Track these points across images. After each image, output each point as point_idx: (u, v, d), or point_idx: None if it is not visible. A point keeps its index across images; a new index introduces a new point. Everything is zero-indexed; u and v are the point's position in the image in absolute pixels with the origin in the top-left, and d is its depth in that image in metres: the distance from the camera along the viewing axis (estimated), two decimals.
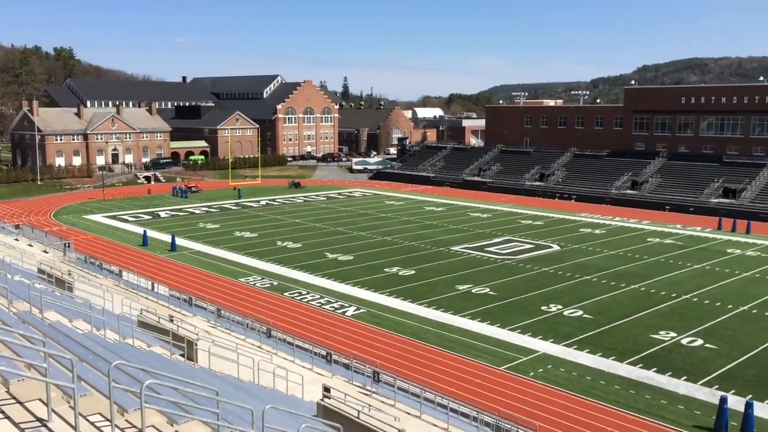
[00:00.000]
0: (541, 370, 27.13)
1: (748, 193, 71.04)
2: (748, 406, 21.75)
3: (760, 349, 29.44)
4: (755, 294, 38.48)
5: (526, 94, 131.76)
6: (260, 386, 19.32)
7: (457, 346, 29.80)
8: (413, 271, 43.80)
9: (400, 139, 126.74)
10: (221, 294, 38.08)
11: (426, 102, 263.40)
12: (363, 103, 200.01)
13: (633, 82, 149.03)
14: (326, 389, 17.72)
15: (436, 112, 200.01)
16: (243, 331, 28.47)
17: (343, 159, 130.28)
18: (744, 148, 79.65)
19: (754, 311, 35.19)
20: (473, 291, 39.04)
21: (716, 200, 71.62)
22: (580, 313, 34.84)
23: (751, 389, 25.06)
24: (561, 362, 27.97)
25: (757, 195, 70.62)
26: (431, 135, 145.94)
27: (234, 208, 73.51)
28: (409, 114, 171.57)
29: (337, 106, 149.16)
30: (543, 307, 35.72)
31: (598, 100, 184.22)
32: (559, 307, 35.85)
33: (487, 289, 39.33)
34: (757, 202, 69.22)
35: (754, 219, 63.79)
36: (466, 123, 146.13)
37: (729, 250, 51.18)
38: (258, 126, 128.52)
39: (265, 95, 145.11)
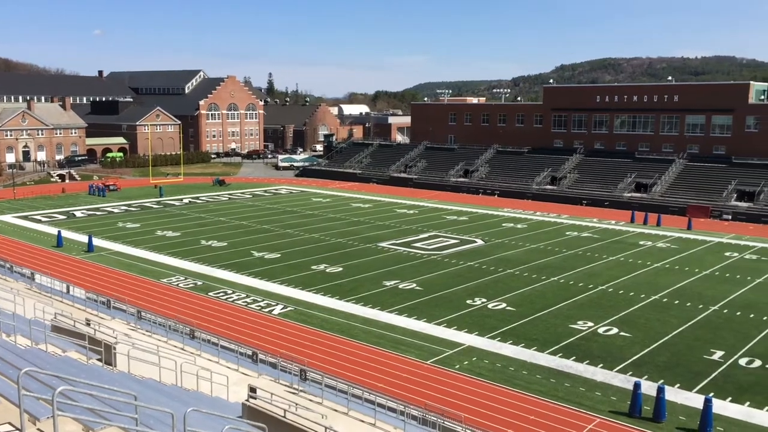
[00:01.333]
0: (466, 362, 27.67)
1: (658, 188, 74.70)
2: (660, 390, 22.89)
3: (670, 336, 31.04)
4: (665, 284, 40.54)
5: (450, 91, 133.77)
6: (183, 389, 18.85)
7: (384, 342, 30.01)
8: (340, 268, 43.76)
9: (326, 136, 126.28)
10: (142, 295, 36.90)
11: (352, 99, 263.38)
12: (288, 99, 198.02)
13: (551, 81, 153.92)
14: (252, 389, 17.47)
15: (362, 108, 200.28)
16: (165, 333, 27.69)
17: (269, 156, 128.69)
18: (654, 144, 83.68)
19: (664, 300, 37.06)
20: (400, 286, 39.38)
21: (629, 195, 74.97)
22: (504, 305, 35.74)
23: (662, 374, 26.39)
24: (485, 354, 28.62)
25: (666, 189, 74.36)
26: (357, 132, 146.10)
27: (155, 206, 71.34)
28: (335, 111, 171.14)
29: (262, 103, 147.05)
30: (468, 301, 36.43)
31: (519, 98, 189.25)
32: (484, 300, 36.66)
33: (414, 285, 39.77)
34: (667, 196, 72.91)
35: (664, 212, 67.17)
36: (392, 120, 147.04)
37: (641, 242, 53.68)
38: (180, 122, 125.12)
39: (186, 91, 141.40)
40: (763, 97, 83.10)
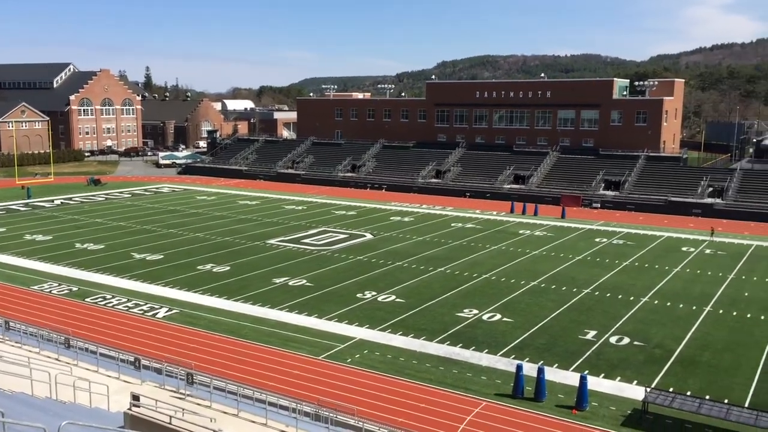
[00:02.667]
0: (358, 355, 27.88)
1: (534, 179, 78.60)
2: (540, 371, 24.14)
3: (548, 319, 32.79)
4: (543, 270, 42.76)
5: (336, 87, 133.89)
6: (58, 401, 17.70)
7: (275, 340, 29.64)
8: (228, 267, 42.74)
9: (209, 132, 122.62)
10: (10, 305, 34.26)
11: (236, 94, 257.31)
12: (168, 94, 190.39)
13: (433, 77, 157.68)
14: (135, 397, 16.69)
15: (246, 104, 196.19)
16: (37, 344, 25.85)
17: (149, 153, 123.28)
18: (530, 138, 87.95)
19: (542, 285, 39.09)
20: (290, 283, 39.03)
21: (508, 186, 78.37)
22: (393, 297, 36.31)
23: (542, 356, 27.83)
24: (376, 346, 28.97)
25: (542, 180, 78.38)
26: (242, 128, 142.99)
27: (23, 209, 66.40)
28: (218, 106, 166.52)
29: (139, 98, 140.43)
30: (358, 295, 36.70)
31: (403, 94, 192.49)
32: (374, 293, 37.07)
33: (304, 281, 39.55)
34: (543, 186, 76.87)
35: (540, 202, 70.80)
36: (278, 115, 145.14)
37: (521, 231, 56.30)
38: (48, 119, 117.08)
39: (55, 85, 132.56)
40: (625, 92, 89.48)
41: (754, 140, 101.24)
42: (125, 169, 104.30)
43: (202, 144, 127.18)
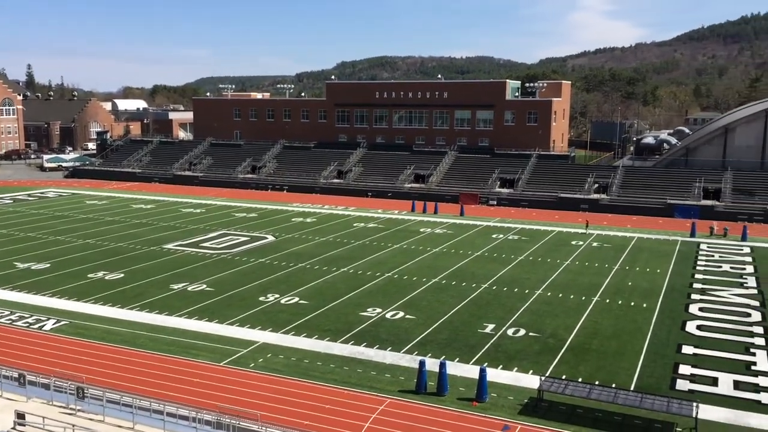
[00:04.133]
0: (261, 360, 27.47)
1: (434, 178, 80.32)
2: (442, 365, 24.71)
3: (449, 314, 33.61)
4: (444, 267, 43.79)
5: (234, 86, 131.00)
6: None
7: (174, 348, 28.68)
8: (122, 275, 40.92)
9: (99, 134, 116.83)
10: None
11: (128, 93, 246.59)
12: (53, 93, 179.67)
13: (333, 77, 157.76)
14: (20, 415, 15.68)
15: (139, 104, 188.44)
16: None
17: (32, 156, 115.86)
18: (429, 137, 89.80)
19: (443, 282, 40.02)
20: (189, 289, 37.89)
21: (409, 185, 79.67)
22: (297, 299, 36.04)
23: (444, 351, 28.50)
24: (280, 349, 28.65)
25: (441, 179, 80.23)
26: (135, 128, 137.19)
27: None
28: (108, 106, 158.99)
29: (20, 97, 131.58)
30: (261, 298, 36.15)
31: (303, 94, 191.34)
32: (277, 296, 36.64)
33: (204, 286, 38.51)
34: (442, 185, 78.69)
35: (440, 201, 72.46)
36: (173, 116, 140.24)
37: (422, 230, 57.37)
38: None
39: None
40: (517, 94, 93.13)
41: (635, 139, 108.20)
42: (6, 173, 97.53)
43: (91, 146, 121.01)
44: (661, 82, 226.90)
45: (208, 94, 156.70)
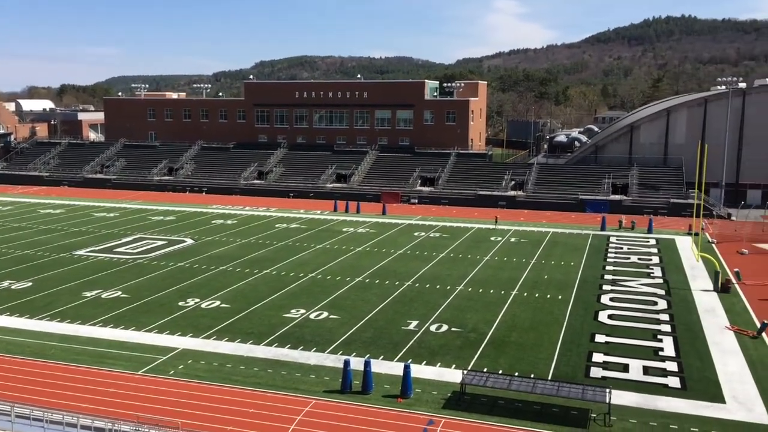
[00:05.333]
0: (181, 366, 26.75)
1: (356, 178, 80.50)
2: (367, 364, 24.82)
3: (373, 313, 33.80)
4: (367, 266, 43.98)
5: (147, 86, 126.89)
6: None
7: (87, 358, 27.51)
8: (29, 283, 38.88)
9: (2, 136, 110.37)
10: None
11: (33, 93, 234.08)
12: None
13: (252, 77, 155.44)
14: None
15: (45, 104, 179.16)
16: None
17: None
18: (350, 137, 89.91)
19: (366, 281, 40.19)
20: (103, 296, 36.43)
21: (331, 185, 79.52)
22: (218, 303, 35.32)
23: (368, 349, 28.64)
24: (201, 355, 27.99)
25: (363, 179, 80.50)
26: (41, 130, 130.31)
27: None
28: (12, 107, 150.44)
29: None
30: (180, 303, 35.21)
31: (220, 94, 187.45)
32: (197, 300, 35.79)
33: (119, 292, 37.13)
34: (364, 185, 78.97)
35: (362, 200, 72.72)
36: (82, 116, 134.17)
37: (344, 229, 57.40)
38: None
39: None
40: (435, 94, 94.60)
41: (548, 137, 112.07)
42: None
43: None
44: (572, 82, 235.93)
45: (120, 94, 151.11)
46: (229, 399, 23.81)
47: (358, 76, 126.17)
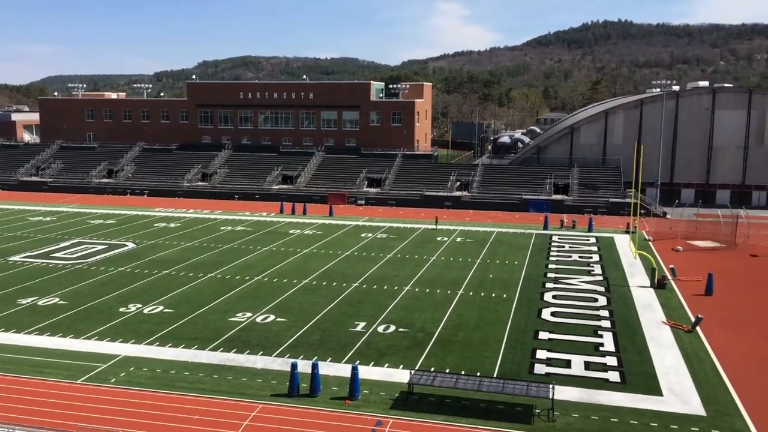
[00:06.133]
0: (123, 374, 26.06)
1: (302, 179, 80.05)
2: (314, 366, 24.71)
3: (320, 315, 33.67)
4: (314, 267, 43.79)
5: (85, 86, 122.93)
6: None
7: (23, 368, 26.48)
8: None
9: None
10: None
11: None
12: None
13: (194, 76, 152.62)
14: None
15: None
16: None
17: None
18: (296, 138, 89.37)
19: (314, 283, 40.02)
20: (40, 303, 35.17)
21: (277, 187, 78.86)
22: (161, 308, 34.56)
23: (316, 351, 28.51)
24: (144, 362, 27.34)
25: (310, 180, 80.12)
26: None
27: None
28: None
29: None
30: (122, 309, 34.30)
31: (162, 94, 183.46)
32: (139, 305, 34.93)
33: (57, 299, 35.91)
34: (311, 186, 78.60)
35: (309, 201, 72.39)
36: (16, 117, 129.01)
37: (291, 231, 56.99)
38: None
39: None
40: (381, 95, 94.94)
41: (492, 138, 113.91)
42: None
43: None
44: (514, 84, 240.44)
45: (56, 93, 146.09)
46: (173, 406, 23.33)
47: (304, 76, 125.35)
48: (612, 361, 27.74)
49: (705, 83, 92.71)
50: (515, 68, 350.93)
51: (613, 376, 26.10)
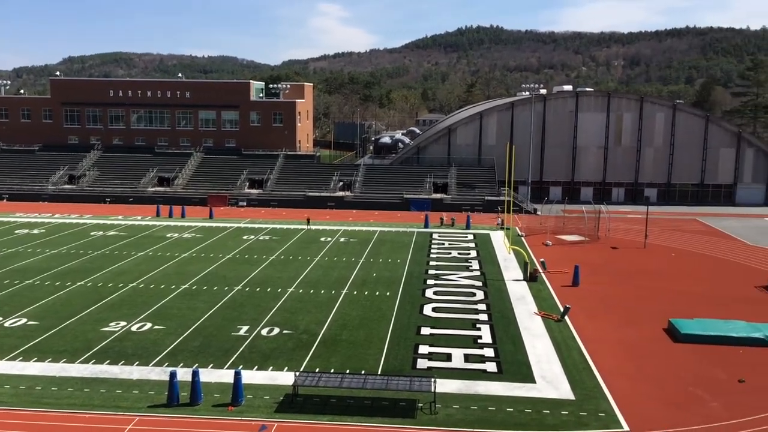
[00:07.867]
0: None
1: (180, 181, 77.25)
2: (194, 374, 23.92)
3: (201, 320, 32.65)
4: (193, 272, 42.40)
5: None
6: None
7: None
8: None
9: None
10: None
11: None
12: None
13: (59, 73, 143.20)
14: None
15: None
16: None
17: None
18: (172, 139, 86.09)
19: (194, 287, 38.75)
20: None
21: (153, 189, 75.60)
22: (24, 320, 32.15)
23: (196, 359, 27.61)
24: (6, 379, 25.29)
25: (187, 182, 77.48)
26: None
27: None
28: None
29: None
30: None
31: (22, 91, 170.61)
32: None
33: None
34: (189, 188, 76.03)
35: (187, 204, 69.97)
36: None
37: (168, 235, 54.85)
38: None
39: None
40: (261, 95, 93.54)
41: (373, 139, 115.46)
42: None
43: None
44: (394, 85, 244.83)
45: None
46: (40, 424, 21.77)
47: (180, 75, 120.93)
48: (489, 352, 28.94)
49: (569, 87, 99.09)
50: (395, 70, 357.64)
51: (491, 367, 27.24)
